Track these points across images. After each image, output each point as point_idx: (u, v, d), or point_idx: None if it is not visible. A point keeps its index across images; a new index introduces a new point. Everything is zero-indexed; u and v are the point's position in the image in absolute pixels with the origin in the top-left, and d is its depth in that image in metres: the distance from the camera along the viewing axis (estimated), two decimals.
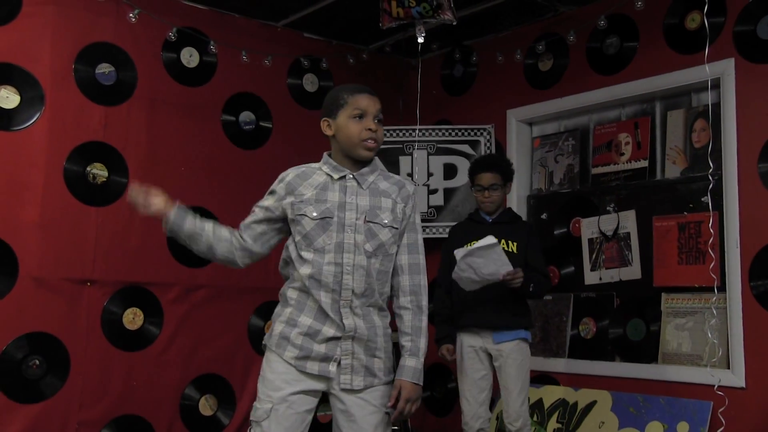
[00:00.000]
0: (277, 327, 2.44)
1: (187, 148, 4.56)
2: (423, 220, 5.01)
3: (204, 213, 4.14)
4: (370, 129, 2.40)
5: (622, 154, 4.43)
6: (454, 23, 3.94)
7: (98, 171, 4.27)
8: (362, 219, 2.39)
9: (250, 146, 4.79)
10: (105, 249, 4.23)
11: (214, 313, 4.55)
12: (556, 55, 4.74)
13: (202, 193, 4.53)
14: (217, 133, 4.70)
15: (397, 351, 2.45)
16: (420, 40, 4.08)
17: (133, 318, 4.33)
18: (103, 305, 4.25)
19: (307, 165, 2.49)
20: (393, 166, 5.10)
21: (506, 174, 3.78)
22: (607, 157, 4.51)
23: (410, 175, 5.08)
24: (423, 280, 2.49)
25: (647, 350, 4.17)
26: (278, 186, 2.44)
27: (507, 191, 3.80)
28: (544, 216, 4.76)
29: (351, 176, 2.45)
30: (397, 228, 2.43)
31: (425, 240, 4.81)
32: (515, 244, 3.69)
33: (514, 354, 3.65)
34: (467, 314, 3.69)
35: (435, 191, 5.08)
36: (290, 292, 2.44)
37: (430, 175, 5.08)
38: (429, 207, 5.06)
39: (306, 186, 2.40)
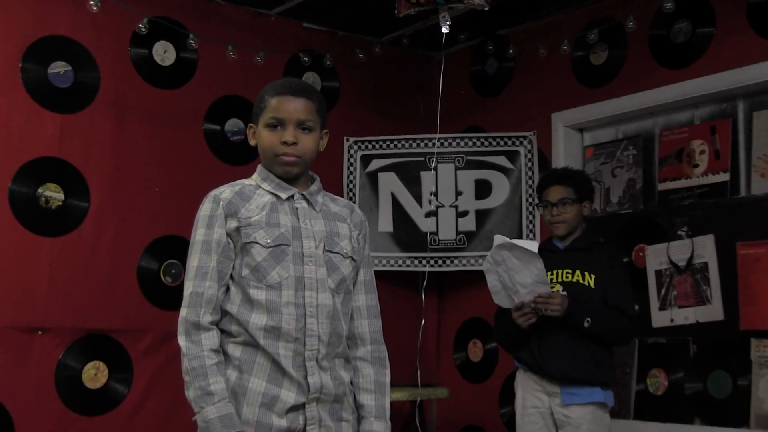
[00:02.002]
0: None
1: (163, 165, 4.55)
2: (450, 249, 5.07)
3: (181, 244, 4.37)
4: (285, 142, 2.35)
5: (696, 165, 4.42)
6: (486, 9, 3.93)
7: (52, 193, 4.26)
8: (321, 248, 2.38)
9: (239, 161, 4.76)
10: (61, 289, 4.22)
11: None
12: (612, 46, 4.70)
13: (181, 220, 4.40)
14: (198, 146, 4.69)
15: None
16: (444, 30, 4.10)
17: (95, 374, 4.31)
18: (57, 359, 4.20)
19: (240, 182, 2.43)
20: (413, 183, 5.14)
21: (581, 188, 3.76)
22: (677, 170, 4.50)
23: (434, 194, 5.09)
24: (381, 326, 2.51)
25: (735, 410, 4.08)
26: (214, 208, 2.34)
27: (585, 212, 3.77)
28: (601, 240, 4.46)
29: (300, 195, 2.43)
30: (356, 260, 2.45)
31: (454, 273, 5.21)
32: (593, 277, 3.64)
33: (587, 424, 3.53)
34: (528, 352, 3.64)
35: (465, 214, 5.08)
36: (231, 348, 2.32)
37: (458, 194, 5.09)
38: (458, 233, 5.06)
39: (249, 209, 2.35)
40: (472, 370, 5.21)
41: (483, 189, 5.07)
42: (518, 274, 3.45)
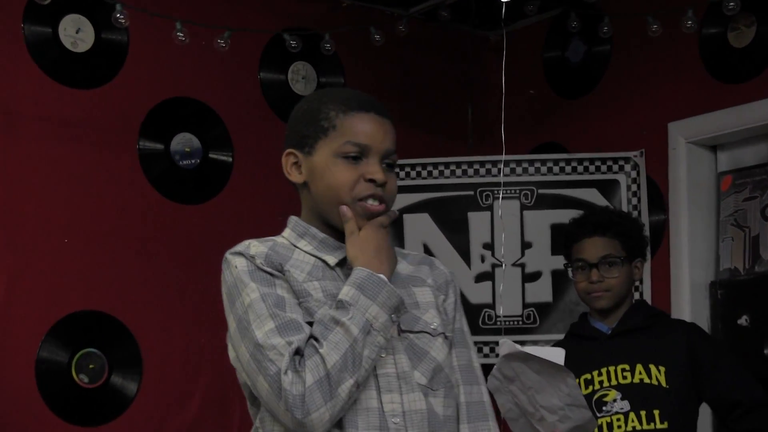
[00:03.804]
0: None
1: (75, 203, 4.49)
2: (514, 330, 4.95)
3: (104, 323, 4.47)
4: (372, 180, 2.38)
5: None
6: None
7: None
8: (395, 329, 2.38)
9: (193, 198, 4.75)
10: None
11: None
12: (763, 18, 4.55)
13: (104, 286, 4.47)
14: (130, 174, 4.63)
15: None
16: None
17: None
18: None
19: (268, 238, 2.46)
20: (457, 230, 5.03)
21: (631, 241, 3.76)
22: None
23: (489, 246, 4.97)
24: (496, 429, 2.56)
25: None
26: (250, 265, 2.35)
27: (637, 274, 3.81)
28: (743, 321, 4.58)
29: None
30: (448, 337, 2.48)
31: None
32: (663, 369, 3.63)
33: None
34: None
35: (536, 276, 4.95)
36: None
37: (526, 245, 4.96)
38: (526, 306, 4.93)
39: (294, 270, 2.38)
40: None
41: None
42: (540, 394, 3.38)
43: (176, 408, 4.42)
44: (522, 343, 4.62)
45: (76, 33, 4.50)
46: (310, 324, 2.32)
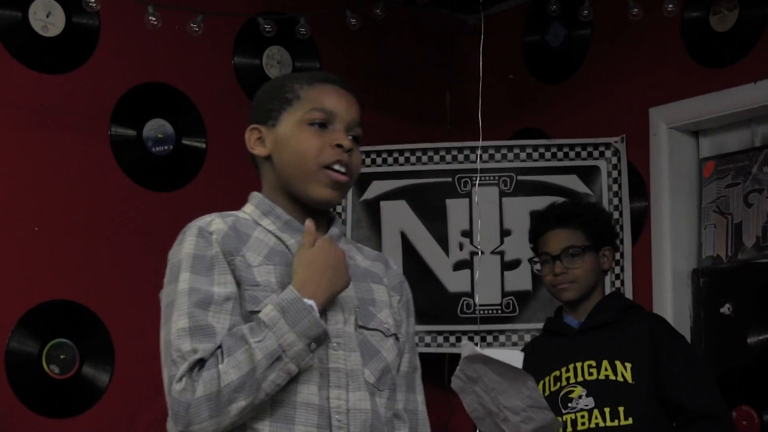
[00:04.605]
0: None
1: (45, 191, 4.48)
2: (493, 319, 4.97)
3: (76, 313, 4.47)
4: (339, 145, 2.39)
5: None
6: None
7: None
8: (352, 323, 2.41)
9: (166, 185, 4.77)
10: None
11: None
12: (746, 2, 4.55)
13: (73, 275, 4.48)
14: (102, 162, 4.62)
15: None
16: None
17: None
18: None
19: (230, 213, 2.48)
20: (435, 218, 5.04)
21: (596, 230, 3.77)
22: None
23: (467, 234, 4.98)
24: None
25: None
26: (203, 245, 2.36)
27: (606, 264, 3.80)
28: (726, 309, 4.59)
29: None
30: (399, 340, 2.51)
31: None
32: (629, 365, 3.62)
33: None
34: None
35: (515, 264, 4.94)
36: None
37: (504, 233, 4.97)
38: (505, 294, 4.93)
39: (250, 254, 2.38)
40: None
41: None
42: (503, 395, 3.42)
43: (149, 400, 4.37)
44: (501, 332, 4.92)
45: (47, 17, 4.49)
46: (257, 313, 2.30)
